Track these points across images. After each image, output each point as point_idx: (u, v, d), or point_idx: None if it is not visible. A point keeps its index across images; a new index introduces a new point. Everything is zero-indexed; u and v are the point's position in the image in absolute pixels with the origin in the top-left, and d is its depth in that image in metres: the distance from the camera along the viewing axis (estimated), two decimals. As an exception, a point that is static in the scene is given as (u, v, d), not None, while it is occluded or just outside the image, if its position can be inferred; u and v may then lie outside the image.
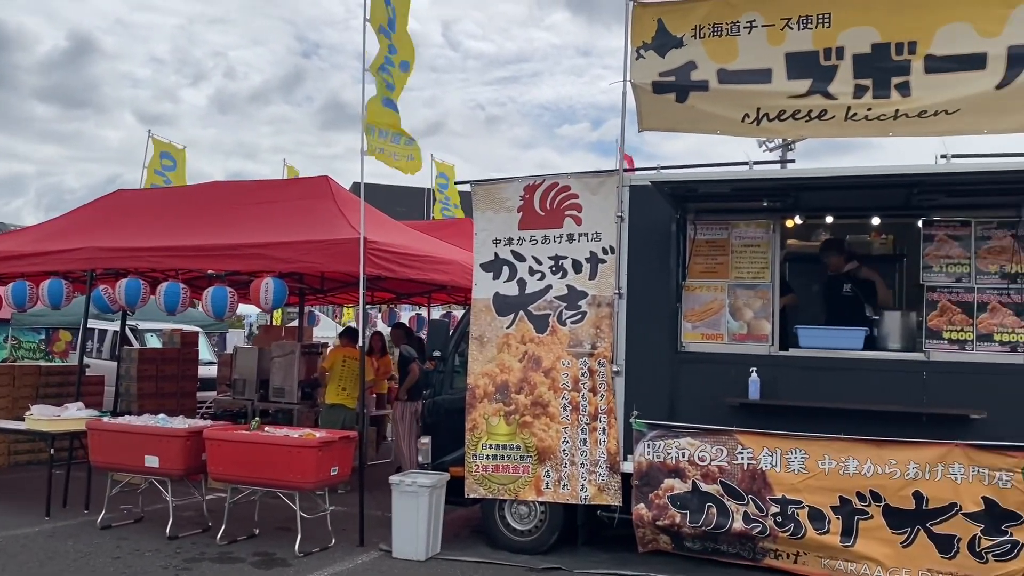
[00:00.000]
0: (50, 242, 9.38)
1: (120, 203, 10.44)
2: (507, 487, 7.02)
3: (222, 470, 7.05)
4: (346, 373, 9.62)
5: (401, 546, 6.82)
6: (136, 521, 7.81)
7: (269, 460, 6.81)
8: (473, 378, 7.21)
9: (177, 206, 9.79)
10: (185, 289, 8.25)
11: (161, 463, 7.21)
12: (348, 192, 9.47)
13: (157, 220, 9.45)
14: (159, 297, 8.16)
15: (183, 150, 13.93)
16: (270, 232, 8.31)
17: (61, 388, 11.49)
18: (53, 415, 8.12)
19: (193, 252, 8.25)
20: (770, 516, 6.21)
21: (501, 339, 7.20)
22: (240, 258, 7.97)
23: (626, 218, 6.87)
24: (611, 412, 6.82)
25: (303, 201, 9.06)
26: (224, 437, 7.10)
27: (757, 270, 6.67)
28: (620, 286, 6.86)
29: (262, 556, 6.77)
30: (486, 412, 7.13)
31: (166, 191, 11.01)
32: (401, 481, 6.86)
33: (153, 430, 7.32)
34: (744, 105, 6.69)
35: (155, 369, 12.55)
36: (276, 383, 10.73)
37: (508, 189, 7.37)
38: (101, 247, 8.72)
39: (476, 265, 7.42)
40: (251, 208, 9.15)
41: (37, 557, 6.59)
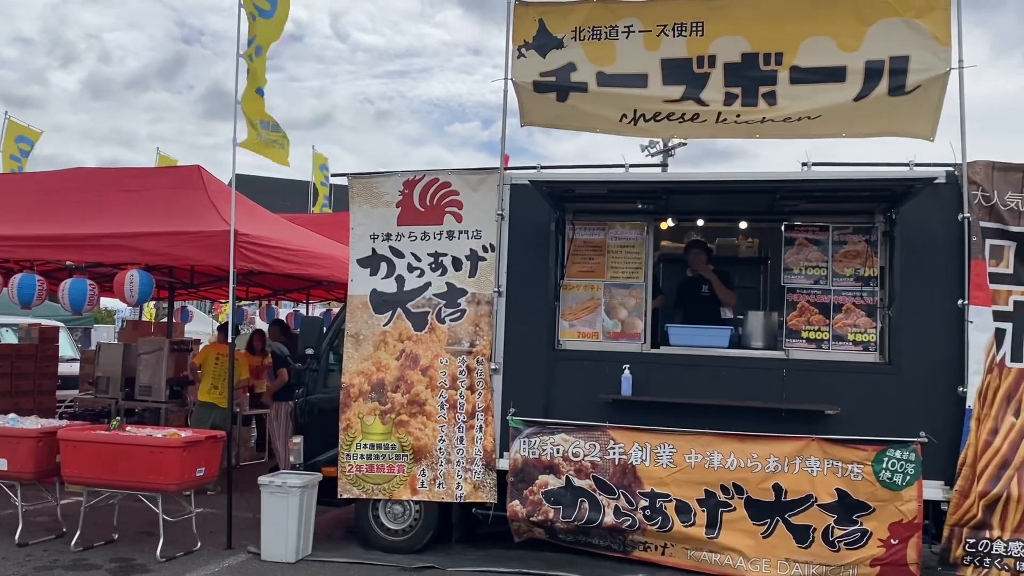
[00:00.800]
0: None
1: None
2: (381, 487, 6.92)
3: (77, 472, 6.66)
4: (219, 371, 9.27)
5: (270, 548, 6.62)
6: None
7: (129, 461, 6.48)
8: (348, 376, 7.08)
9: (35, 193, 9.16)
10: (41, 281, 7.75)
11: (10, 466, 6.76)
12: (221, 183, 9.10)
13: (12, 207, 8.84)
14: (12, 289, 7.64)
15: (39, 133, 13.11)
16: (136, 222, 7.90)
17: None
18: None
19: (50, 242, 7.75)
20: (640, 510, 6.37)
21: (378, 337, 7.10)
22: (102, 249, 7.54)
23: (506, 216, 6.90)
24: (488, 410, 6.83)
25: (172, 191, 8.65)
26: (80, 438, 6.71)
27: (632, 270, 6.82)
28: (500, 284, 6.88)
29: (120, 562, 6.44)
30: (361, 411, 7.01)
31: (24, 176, 10.32)
32: (271, 482, 6.66)
33: (1, 431, 6.84)
34: (622, 106, 6.83)
35: (10, 366, 11.76)
36: (143, 381, 10.25)
37: (387, 183, 7.27)
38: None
39: (352, 261, 7.28)
40: (116, 196, 8.67)
41: None
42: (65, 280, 7.60)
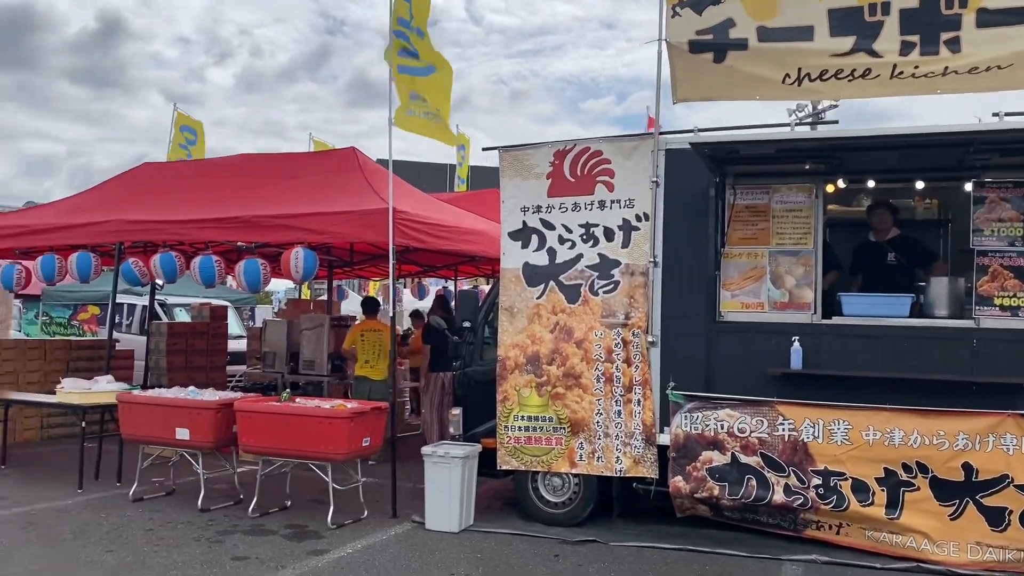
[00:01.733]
0: (77, 215, 9.34)
1: (147, 176, 10.37)
2: (540, 459, 6.90)
3: (253, 442, 7.00)
4: (366, 347, 9.58)
5: (434, 518, 6.74)
6: (168, 494, 7.81)
7: (301, 431, 6.74)
8: (504, 349, 7.08)
9: (204, 179, 9.69)
10: (219, 262, 8.18)
11: (192, 435, 7.18)
12: (375, 164, 9.31)
13: (184, 193, 9.37)
14: (194, 270, 8.10)
15: (200, 123, 13.86)
16: (298, 204, 8.20)
17: (91, 362, 11.54)
18: (83, 388, 8.11)
19: (222, 224, 8.15)
20: (812, 488, 6.05)
21: (531, 310, 7.06)
22: (269, 229, 7.86)
23: (662, 183, 6.67)
24: (646, 383, 6.66)
25: (330, 173, 8.93)
26: (255, 408, 7.04)
27: (799, 236, 6.45)
28: (655, 254, 6.67)
29: (294, 528, 6.72)
30: (517, 384, 7.00)
31: (192, 164, 10.94)
32: (433, 452, 6.76)
33: (183, 402, 7.28)
34: (785, 65, 6.43)
35: (184, 343, 12.56)
36: (306, 355, 10.69)
37: (537, 155, 7.18)
38: (129, 220, 8.66)
39: (504, 234, 7.26)
40: (278, 180, 9.03)
41: (70, 529, 6.59)
42: (240, 261, 7.96)
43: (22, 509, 7.17)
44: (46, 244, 9.27)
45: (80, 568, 5.64)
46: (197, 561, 5.82)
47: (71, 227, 9.00)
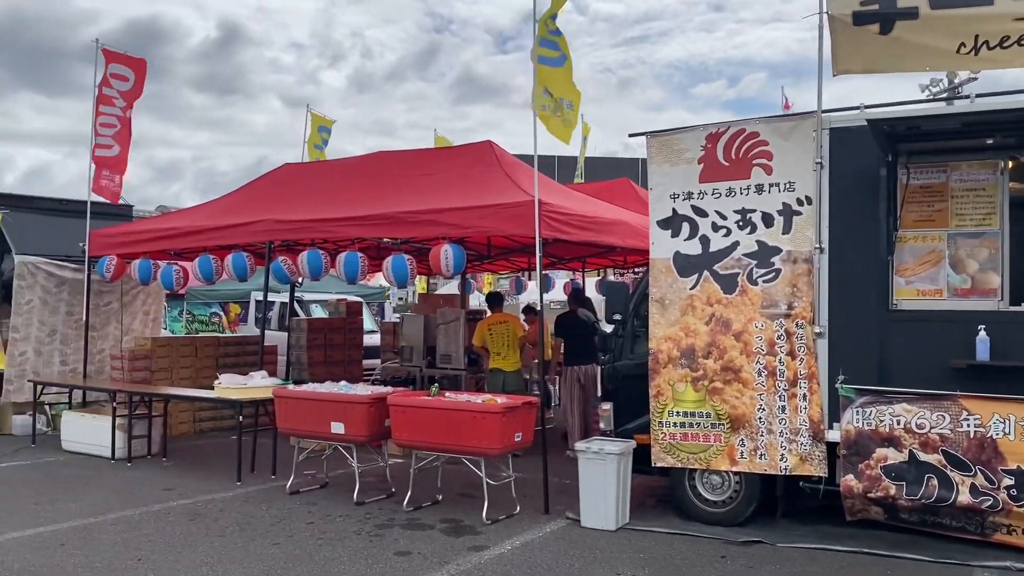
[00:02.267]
0: (226, 217, 9.68)
1: (288, 177, 10.67)
2: (697, 456, 6.66)
3: (406, 436, 7.04)
4: (495, 340, 9.56)
5: (590, 515, 6.60)
6: (321, 487, 7.97)
7: (454, 426, 6.73)
8: (656, 342, 6.86)
9: (344, 177, 9.89)
10: (363, 258, 8.29)
11: (347, 429, 7.28)
12: (512, 157, 9.25)
13: (326, 191, 9.58)
14: (339, 267, 8.24)
15: (332, 122, 14.17)
16: (440, 199, 8.22)
17: (238, 358, 11.98)
18: (240, 384, 8.38)
19: (367, 221, 8.27)
20: (1003, 489, 5.59)
21: (684, 301, 6.81)
22: (415, 225, 7.91)
23: (826, 164, 6.30)
24: (812, 377, 6.31)
25: (467, 168, 8.93)
26: (408, 403, 7.08)
27: (982, 216, 5.96)
28: (820, 240, 6.31)
29: (450, 523, 6.72)
30: (671, 378, 6.77)
31: (330, 163, 11.16)
32: (587, 448, 6.63)
33: (338, 397, 7.39)
34: (960, 33, 5.93)
35: (323, 338, 12.92)
36: (442, 349, 10.77)
37: (687, 139, 6.91)
38: (278, 219, 8.89)
39: (653, 222, 7.03)
40: (418, 177, 9.10)
41: (236, 521, 6.79)
42: (387, 257, 8.04)
43: (187, 501, 7.45)
44: (199, 245, 9.65)
45: (251, 561, 5.78)
46: (360, 556, 5.87)
47: (223, 228, 9.33)
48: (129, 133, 10.85)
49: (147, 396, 9.36)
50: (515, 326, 9.68)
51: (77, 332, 11.41)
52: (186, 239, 9.66)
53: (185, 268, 10.05)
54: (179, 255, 10.15)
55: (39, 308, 11.15)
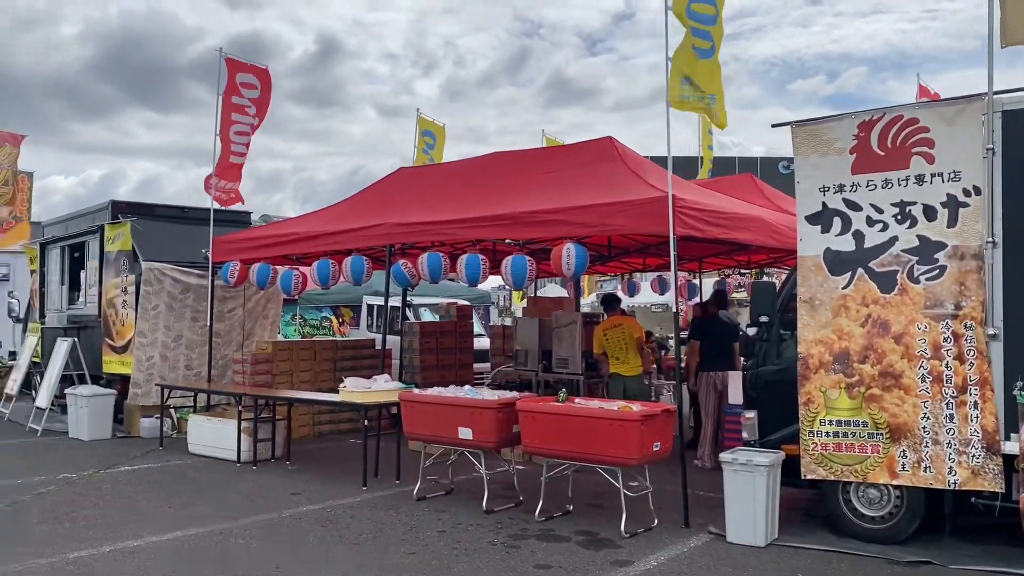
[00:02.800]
0: (345, 221, 9.66)
1: (404, 180, 10.62)
2: (852, 468, 6.18)
3: (537, 443, 6.80)
4: (612, 344, 9.23)
5: (736, 530, 6.21)
6: (447, 493, 7.81)
7: (588, 434, 6.45)
8: (805, 346, 6.41)
9: (460, 179, 9.75)
10: (484, 260, 8.11)
11: (475, 435, 7.09)
12: (634, 152, 8.92)
13: (442, 194, 9.45)
14: (460, 269, 8.08)
15: (442, 127, 14.10)
16: (562, 198, 7.96)
17: (355, 361, 12.01)
18: (364, 387, 8.31)
19: (488, 222, 8.08)
20: None
21: (837, 301, 6.34)
22: (538, 225, 7.66)
23: (998, 151, 5.74)
24: (985, 383, 5.76)
25: (588, 165, 8.64)
26: (538, 409, 6.84)
27: None
28: (992, 234, 5.75)
29: (586, 535, 6.44)
30: (823, 384, 6.31)
31: (445, 166, 11.06)
32: (734, 459, 6.23)
33: (466, 402, 7.21)
34: None
35: (435, 342, 12.85)
36: (559, 353, 10.50)
37: (838, 128, 6.44)
38: (397, 223, 8.80)
39: (800, 218, 6.57)
40: (537, 176, 8.87)
41: (368, 528, 6.68)
42: (506, 257, 7.84)
43: (317, 506, 7.40)
44: (319, 249, 9.67)
45: (389, 571, 5.63)
46: (500, 568, 5.65)
47: (342, 232, 9.31)
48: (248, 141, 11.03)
49: (272, 400, 9.41)
50: (631, 328, 9.33)
51: (201, 337, 11.64)
52: (306, 244, 9.69)
53: (303, 272, 10.10)
54: (299, 260, 10.21)
55: (165, 313, 11.42)
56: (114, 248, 11.51)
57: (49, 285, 14.15)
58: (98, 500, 7.65)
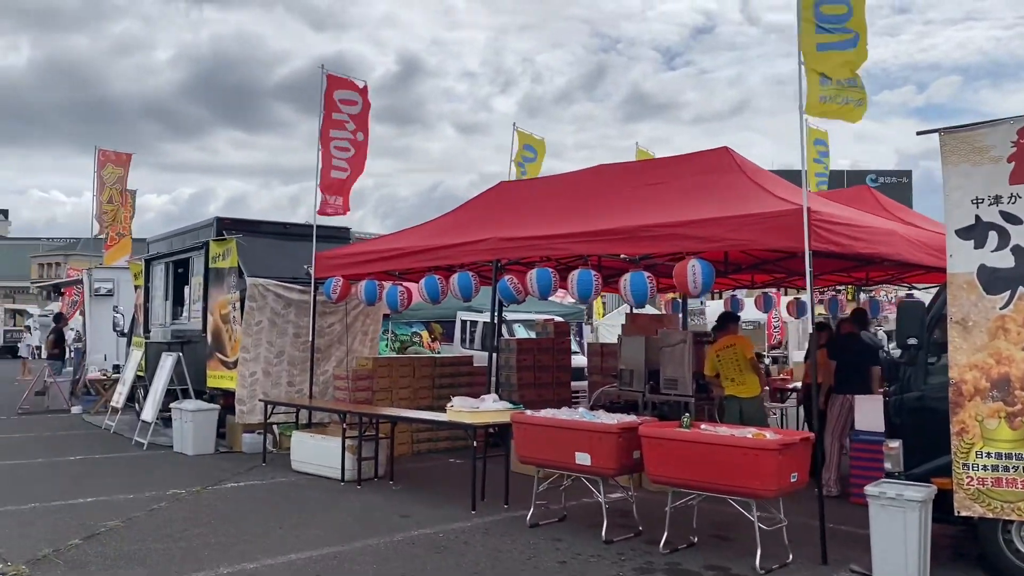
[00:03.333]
0: (448, 236, 9.51)
1: (505, 195, 10.44)
2: (1015, 505, 5.62)
3: (662, 471, 6.44)
4: (725, 364, 8.78)
5: (884, 569, 5.71)
6: (560, 519, 7.51)
7: (720, 463, 6.06)
8: (958, 371, 5.89)
9: (565, 193, 9.51)
10: (597, 276, 7.82)
11: (593, 460, 6.78)
12: (754, 164, 8.51)
13: (548, 208, 9.22)
14: (572, 285, 7.80)
15: (542, 140, 13.87)
16: (679, 211, 7.61)
17: (454, 379, 11.84)
18: (472, 407, 8.09)
19: (600, 237, 7.78)
20: None
21: (994, 322, 5.80)
22: (656, 239, 7.34)
23: None
24: None
25: (704, 176, 8.28)
26: (663, 435, 6.48)
27: None
28: None
29: (718, 571, 6.05)
30: (979, 413, 5.78)
31: (547, 180, 10.82)
32: (882, 493, 5.75)
33: (585, 425, 6.91)
34: None
35: (532, 359, 12.58)
36: (667, 374, 10.07)
37: (993, 135, 5.92)
38: (504, 237, 8.60)
39: (950, 232, 6.06)
40: (646, 189, 8.56)
41: (484, 556, 6.43)
42: (625, 274, 7.53)
43: (428, 531, 7.18)
44: (423, 265, 9.54)
45: (513, 603, 5.35)
46: (631, 604, 5.31)
47: (448, 247, 9.15)
48: (363, 157, 11.00)
49: (377, 418, 9.28)
50: (744, 347, 8.86)
51: (303, 353, 11.66)
52: (410, 259, 9.57)
53: (409, 288, 9.98)
54: (402, 275, 10.10)
55: (268, 329, 11.46)
56: (224, 264, 11.63)
57: (153, 300, 14.46)
58: (210, 518, 7.60)
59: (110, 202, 18.36)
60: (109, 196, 18.33)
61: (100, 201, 18.25)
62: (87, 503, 8.13)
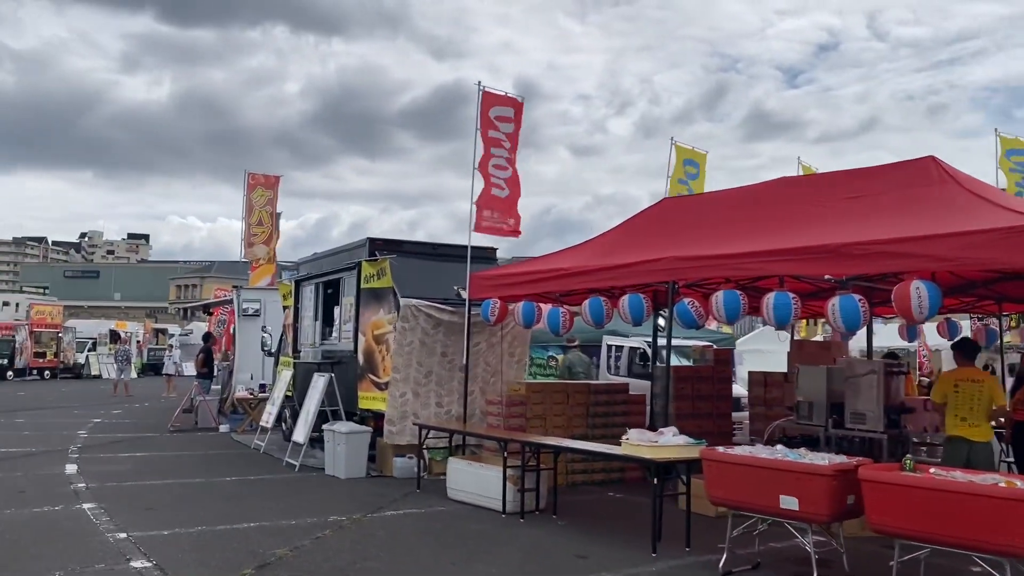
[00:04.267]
0: (613, 256, 8.96)
1: (670, 212, 9.86)
2: None
3: (891, 521, 5.62)
4: (961, 400, 7.76)
5: None
6: (753, 567, 6.77)
7: (967, 513, 5.21)
8: None
9: (742, 208, 8.81)
10: (795, 299, 7.08)
11: (801, 505, 6.03)
12: (967, 174, 7.60)
13: (726, 224, 8.55)
14: (767, 309, 7.09)
15: (704, 155, 13.18)
16: (886, 227, 6.81)
17: (608, 407, 11.26)
18: (651, 441, 7.46)
19: (799, 255, 7.05)
20: None
21: None
22: (867, 258, 6.54)
23: None
24: None
25: (911, 189, 7.44)
26: (892, 480, 5.67)
27: None
28: None
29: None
30: None
31: (717, 195, 10.11)
32: None
33: (792, 466, 6.17)
34: None
35: (690, 388, 11.87)
36: (855, 407, 9.15)
37: None
38: (683, 256, 7.97)
39: None
40: (845, 203, 7.78)
41: (681, 607, 5.78)
42: (832, 298, 6.78)
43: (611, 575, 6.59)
44: (587, 286, 9.03)
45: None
46: None
47: (616, 268, 8.61)
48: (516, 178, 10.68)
49: (540, 448, 8.78)
50: (992, 389, 7.70)
51: (450, 373, 11.35)
52: (573, 280, 9.06)
53: (569, 310, 9.48)
54: (562, 297, 9.61)
55: (418, 350, 11.20)
56: (378, 285, 11.48)
57: (302, 321, 14.52)
58: (376, 550, 7.25)
59: (259, 224, 18.77)
60: (258, 218, 18.74)
61: (248, 223, 18.69)
62: (251, 528, 7.95)
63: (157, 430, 16.65)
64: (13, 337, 37.49)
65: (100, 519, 8.19)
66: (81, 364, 41.09)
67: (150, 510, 8.72)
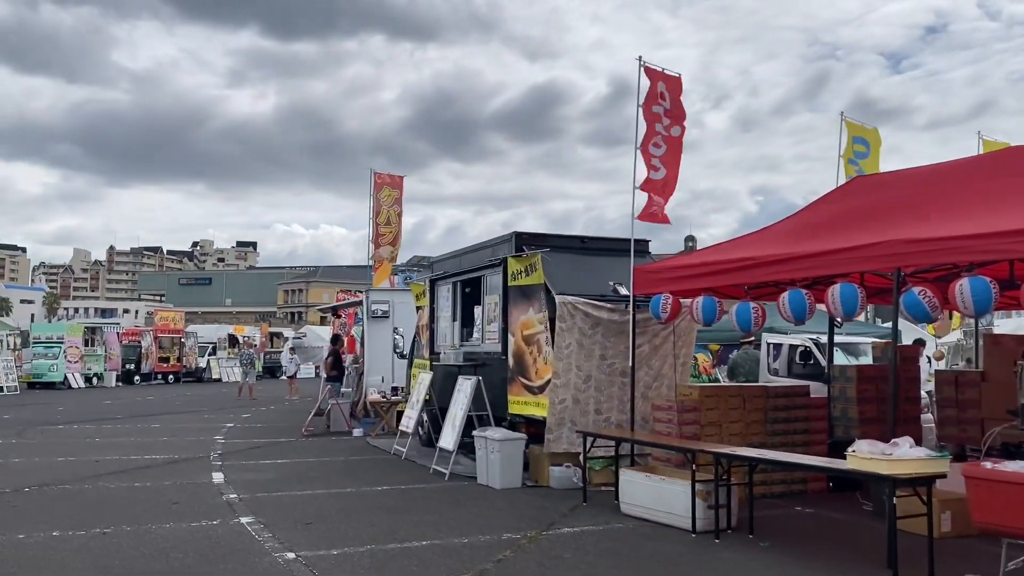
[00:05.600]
0: (810, 243, 7.91)
1: (866, 191, 8.78)
2: None
3: None
4: None
5: None
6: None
7: None
8: None
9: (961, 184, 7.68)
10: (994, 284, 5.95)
11: None
12: None
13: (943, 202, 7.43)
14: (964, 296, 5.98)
15: (875, 131, 11.91)
16: None
17: (788, 412, 10.18)
18: (884, 454, 6.41)
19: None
20: None
21: None
22: None
23: None
24: None
25: None
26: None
27: None
28: None
29: None
30: None
31: (922, 170, 8.89)
32: None
33: None
34: None
35: (875, 389, 10.63)
36: (1102, 412, 7.87)
37: None
38: (908, 239, 6.87)
39: None
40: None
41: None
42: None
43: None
44: (781, 277, 8.03)
45: None
46: None
47: (819, 255, 7.55)
48: (677, 155, 9.74)
49: (733, 459, 7.82)
50: None
51: (609, 378, 10.50)
52: (766, 270, 8.02)
53: (760, 305, 8.48)
54: (751, 290, 8.61)
55: (576, 352, 10.37)
56: (527, 282, 10.71)
57: (439, 321, 13.91)
58: (570, 575, 6.46)
59: (388, 223, 18.36)
60: (387, 218, 18.33)
61: (377, 223, 18.29)
62: (423, 547, 7.27)
63: (291, 435, 16.40)
64: (139, 343, 38.68)
65: (262, 535, 7.69)
66: (203, 368, 42.14)
67: (311, 525, 8.17)
